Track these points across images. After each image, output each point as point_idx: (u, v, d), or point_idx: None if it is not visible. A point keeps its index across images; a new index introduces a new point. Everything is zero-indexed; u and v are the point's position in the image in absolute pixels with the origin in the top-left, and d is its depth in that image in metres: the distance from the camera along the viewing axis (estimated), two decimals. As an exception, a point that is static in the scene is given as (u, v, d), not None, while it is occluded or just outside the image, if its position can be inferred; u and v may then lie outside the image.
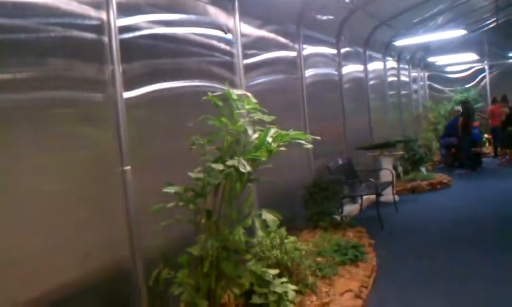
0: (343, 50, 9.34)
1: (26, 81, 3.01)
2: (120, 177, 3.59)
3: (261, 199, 5.31)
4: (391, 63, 13.21)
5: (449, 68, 17.57)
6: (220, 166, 3.40)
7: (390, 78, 13.02)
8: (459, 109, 13.11)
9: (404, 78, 14.74)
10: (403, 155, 11.14)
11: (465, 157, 12.49)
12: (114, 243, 3.56)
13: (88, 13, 3.48)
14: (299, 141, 3.81)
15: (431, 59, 16.54)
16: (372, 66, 11.39)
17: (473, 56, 15.57)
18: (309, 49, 7.75)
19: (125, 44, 3.76)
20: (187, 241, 3.63)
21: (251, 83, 5.74)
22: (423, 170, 11.47)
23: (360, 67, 10.64)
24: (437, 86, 17.93)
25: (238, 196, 3.72)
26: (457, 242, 6.42)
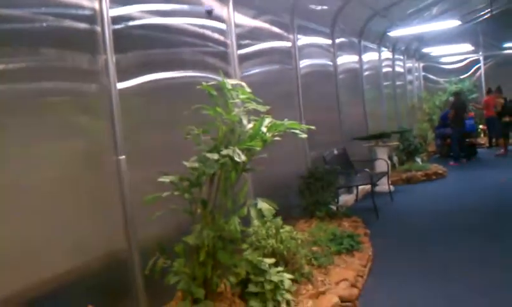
0: (338, 40, 9.32)
1: (19, 71, 3.00)
2: (115, 166, 3.58)
3: (256, 189, 5.31)
4: (386, 54, 13.20)
5: (444, 59, 17.59)
6: (215, 156, 3.40)
7: (385, 69, 13.01)
8: (452, 100, 13.14)
9: (399, 69, 14.74)
10: (398, 146, 11.18)
11: (454, 149, 12.48)
12: (109, 232, 3.56)
13: (81, 3, 3.46)
14: (294, 131, 3.81)
15: (426, 50, 16.54)
16: (367, 56, 11.37)
17: (468, 47, 15.58)
18: (304, 39, 7.73)
19: (118, 34, 3.74)
20: (183, 230, 3.64)
21: (245, 73, 5.72)
22: (418, 160, 11.51)
23: (355, 58, 10.62)
24: (432, 77, 17.96)
25: (233, 186, 3.72)
26: (452, 232, 6.45)
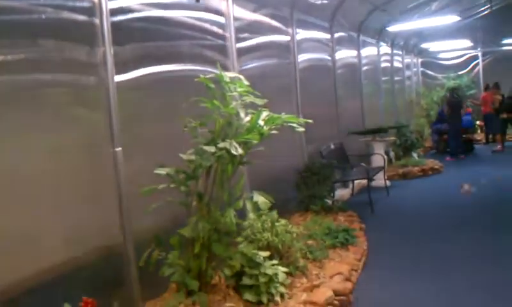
0: (336, 34, 9.30)
1: (17, 63, 3.00)
2: (111, 158, 3.59)
3: (253, 182, 5.32)
4: (384, 49, 13.18)
5: (442, 55, 17.58)
6: (212, 148, 3.42)
7: (384, 64, 13.00)
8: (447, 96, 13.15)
9: (398, 64, 14.73)
10: (395, 141, 11.21)
11: (451, 145, 12.46)
12: (105, 223, 3.57)
13: (80, -6, 3.46)
14: (291, 124, 3.83)
15: (425, 46, 16.52)
16: (366, 51, 11.35)
17: (466, 43, 15.57)
18: (302, 34, 7.72)
19: (117, 26, 3.73)
20: (179, 222, 3.66)
21: (244, 67, 5.72)
22: (415, 156, 11.55)
23: (354, 52, 10.60)
24: (430, 73, 17.95)
25: (230, 179, 3.74)
26: (447, 227, 6.49)
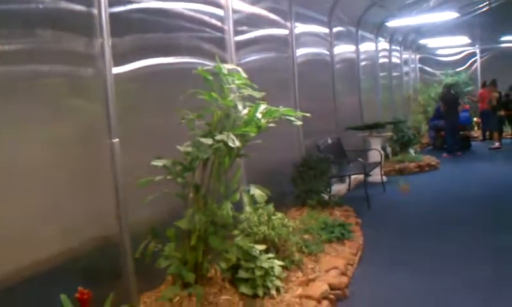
0: (335, 29, 9.29)
1: (14, 53, 2.97)
2: (108, 149, 3.58)
3: (250, 175, 5.32)
4: (383, 44, 13.18)
5: (441, 51, 17.59)
6: (209, 141, 3.40)
7: (382, 59, 13.00)
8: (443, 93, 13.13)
9: (396, 60, 14.73)
10: (392, 137, 11.22)
11: (448, 141, 12.45)
12: (101, 214, 3.56)
13: (78, -16, 3.44)
14: (289, 118, 3.82)
15: (423, 42, 16.52)
16: (364, 46, 11.35)
17: (464, 39, 15.58)
18: (301, 27, 7.69)
19: (115, 17, 3.70)
20: (175, 215, 3.66)
21: (242, 60, 5.69)
22: (411, 152, 11.56)
23: (352, 47, 10.60)
24: (428, 69, 17.97)
25: (226, 171, 3.74)
26: (442, 223, 6.52)
